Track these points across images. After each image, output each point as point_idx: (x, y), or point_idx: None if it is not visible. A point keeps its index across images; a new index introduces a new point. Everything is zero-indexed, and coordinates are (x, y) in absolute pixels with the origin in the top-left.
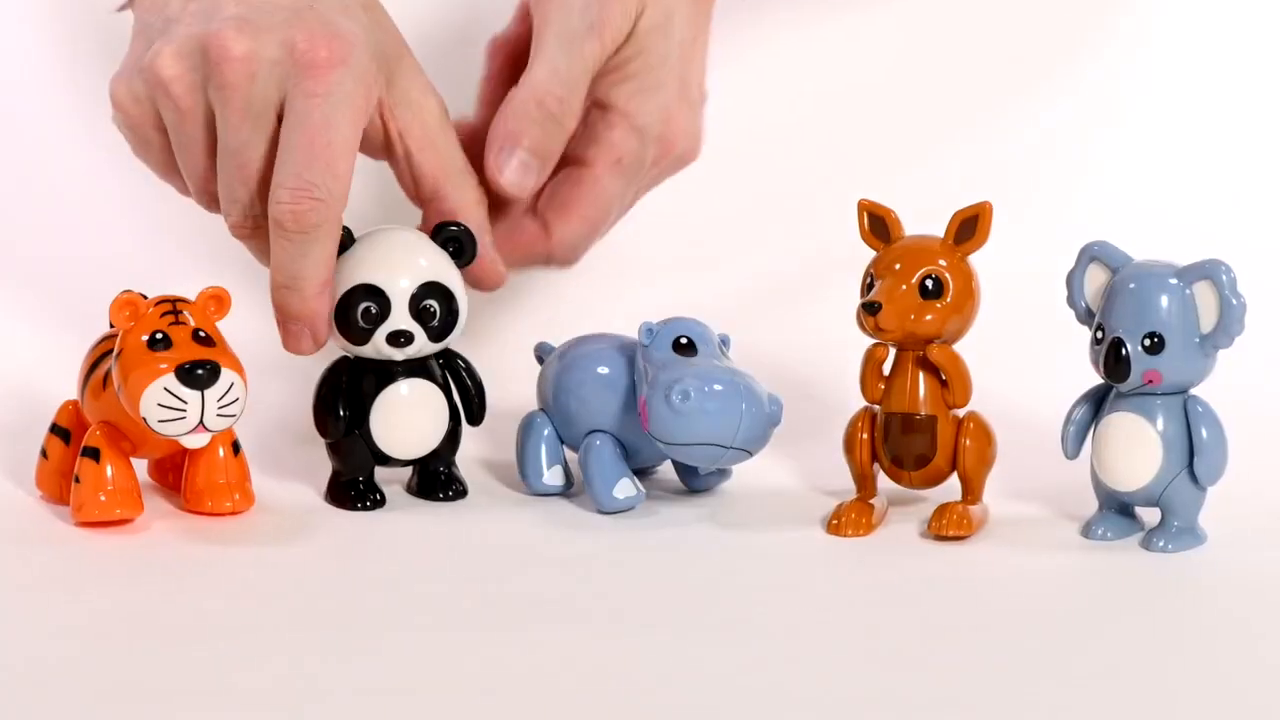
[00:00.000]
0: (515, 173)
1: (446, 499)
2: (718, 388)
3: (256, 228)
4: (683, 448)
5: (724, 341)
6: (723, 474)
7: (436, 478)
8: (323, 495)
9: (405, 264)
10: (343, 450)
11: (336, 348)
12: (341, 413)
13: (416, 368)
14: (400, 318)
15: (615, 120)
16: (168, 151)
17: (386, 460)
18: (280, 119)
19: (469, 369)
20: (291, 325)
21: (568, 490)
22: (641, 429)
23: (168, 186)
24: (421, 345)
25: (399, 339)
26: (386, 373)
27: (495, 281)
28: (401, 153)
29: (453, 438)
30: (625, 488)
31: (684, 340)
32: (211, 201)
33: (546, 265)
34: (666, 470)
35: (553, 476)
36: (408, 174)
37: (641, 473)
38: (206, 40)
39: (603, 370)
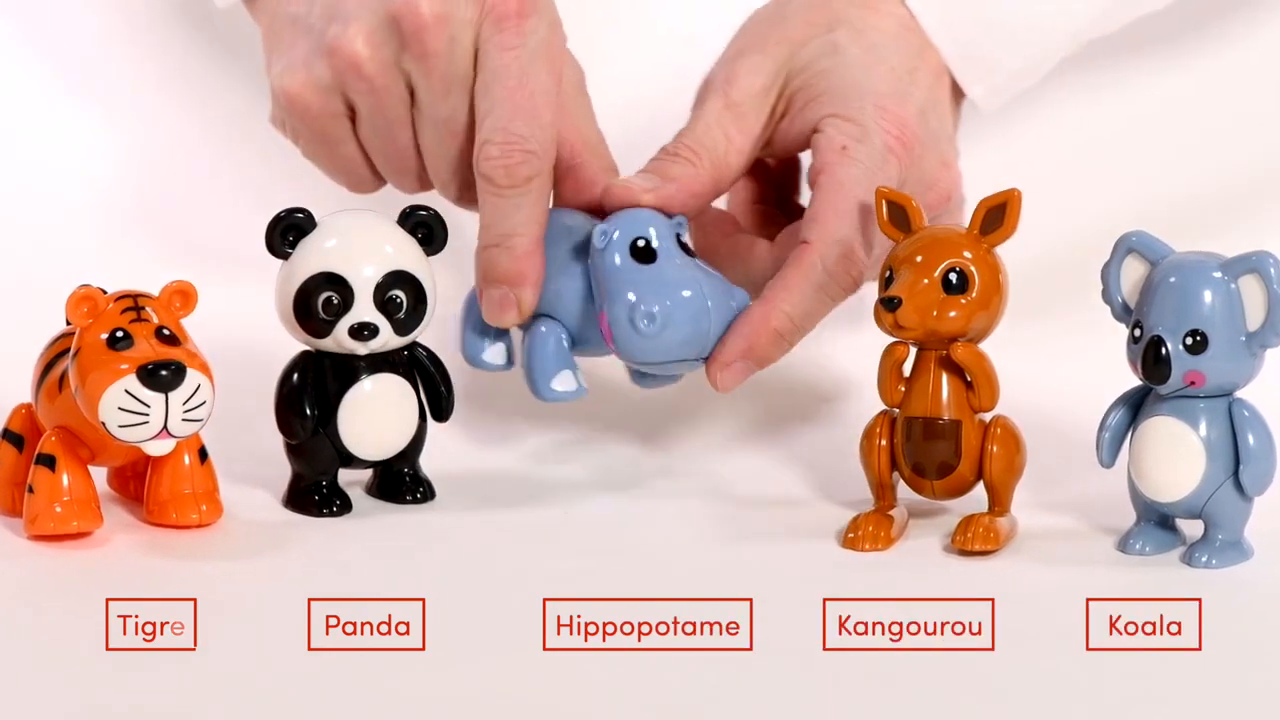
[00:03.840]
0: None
1: (414, 501)
2: (685, 295)
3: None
4: (654, 366)
5: (679, 225)
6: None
7: (401, 479)
8: (281, 500)
9: (370, 251)
10: (306, 452)
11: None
12: (309, 412)
13: (380, 361)
14: (364, 309)
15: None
16: (350, 143)
17: (350, 461)
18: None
19: (434, 360)
20: (495, 289)
21: (507, 369)
22: (597, 330)
23: (127, 174)
24: (387, 339)
25: (362, 332)
26: (350, 368)
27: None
28: None
29: (419, 436)
30: (565, 380)
31: (641, 244)
32: (415, 182)
33: None
34: (669, 477)
35: (494, 355)
36: None
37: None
38: (396, 11)
39: (555, 251)
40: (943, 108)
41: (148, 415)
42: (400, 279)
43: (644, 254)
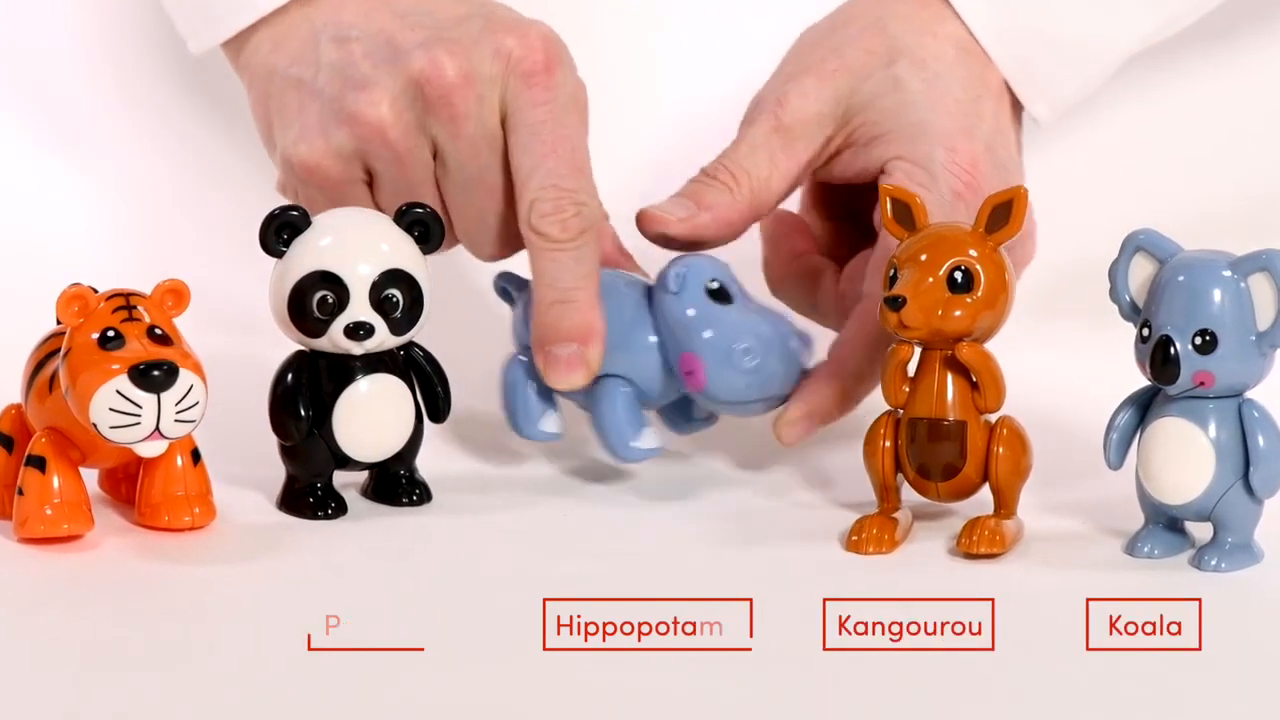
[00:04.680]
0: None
1: (411, 503)
2: (773, 331)
3: (513, 249)
4: (739, 406)
5: (730, 269)
6: (711, 419)
7: (398, 481)
8: (275, 503)
9: (365, 249)
10: (301, 453)
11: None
12: (304, 413)
13: (376, 361)
14: (360, 308)
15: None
16: (369, 208)
17: (346, 463)
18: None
19: (430, 360)
20: (562, 349)
21: (562, 438)
22: (673, 381)
23: (116, 172)
24: (383, 338)
25: (358, 331)
26: (345, 368)
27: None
28: None
29: (415, 437)
30: (647, 438)
31: (715, 285)
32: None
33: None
34: (669, 478)
35: (548, 423)
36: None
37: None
38: (417, 73)
39: (618, 305)
40: (1007, 133)
41: (139, 416)
42: (396, 278)
43: (720, 295)
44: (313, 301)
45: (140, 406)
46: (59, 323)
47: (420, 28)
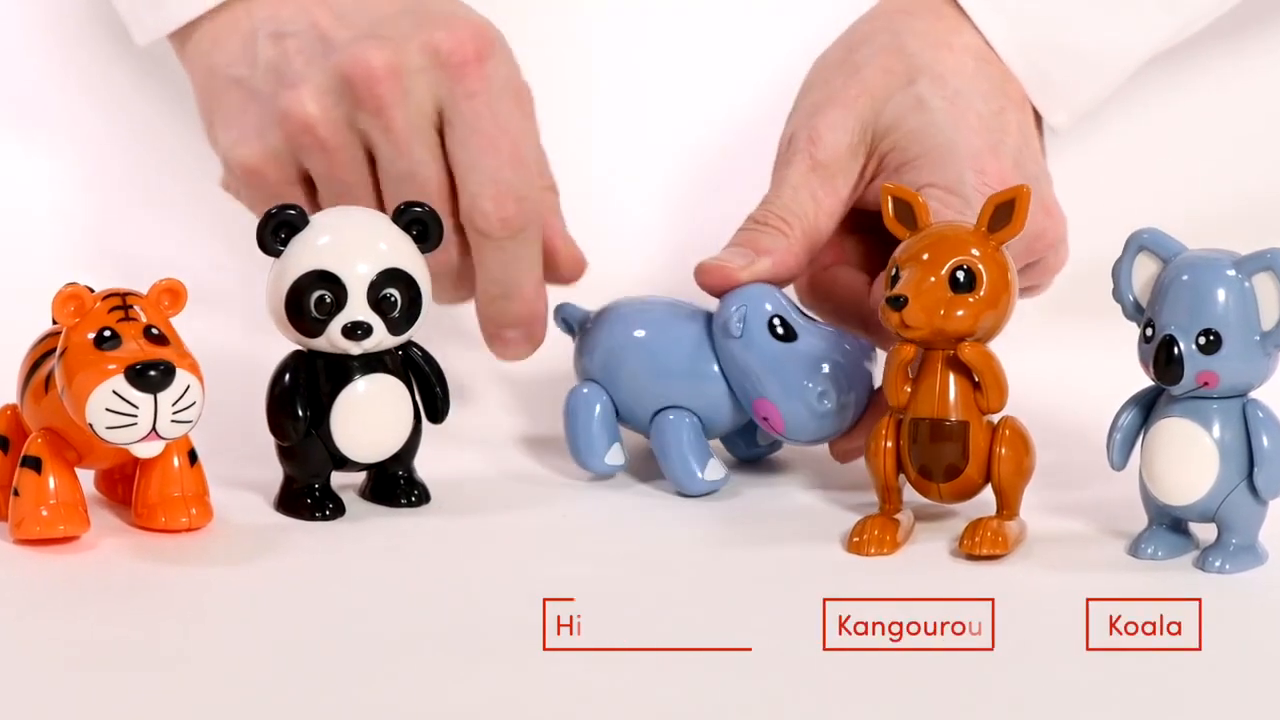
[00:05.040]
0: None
1: (409, 504)
2: (844, 362)
3: (458, 248)
4: (819, 441)
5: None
6: (775, 445)
7: (396, 482)
8: (273, 504)
9: (363, 248)
10: (298, 454)
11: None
12: (301, 413)
13: (374, 361)
14: (358, 308)
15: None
16: (312, 208)
17: (344, 464)
18: (439, 129)
19: (429, 360)
20: (508, 333)
21: (625, 468)
22: (738, 409)
23: (111, 169)
24: (381, 338)
25: (356, 331)
26: (343, 368)
27: (575, 270)
28: None
29: (414, 438)
30: (714, 469)
31: (777, 322)
32: None
33: None
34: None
35: (612, 456)
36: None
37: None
38: (344, 67)
39: (671, 344)
40: (1033, 142)
41: (136, 416)
42: (394, 277)
43: (783, 332)
44: (310, 301)
45: (137, 407)
46: (54, 322)
47: (354, 25)
